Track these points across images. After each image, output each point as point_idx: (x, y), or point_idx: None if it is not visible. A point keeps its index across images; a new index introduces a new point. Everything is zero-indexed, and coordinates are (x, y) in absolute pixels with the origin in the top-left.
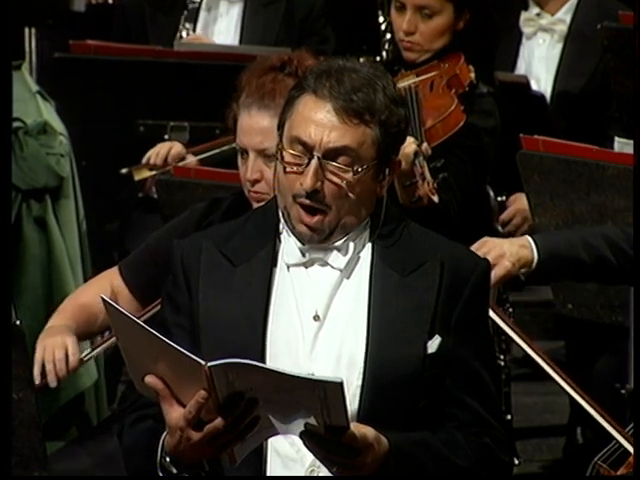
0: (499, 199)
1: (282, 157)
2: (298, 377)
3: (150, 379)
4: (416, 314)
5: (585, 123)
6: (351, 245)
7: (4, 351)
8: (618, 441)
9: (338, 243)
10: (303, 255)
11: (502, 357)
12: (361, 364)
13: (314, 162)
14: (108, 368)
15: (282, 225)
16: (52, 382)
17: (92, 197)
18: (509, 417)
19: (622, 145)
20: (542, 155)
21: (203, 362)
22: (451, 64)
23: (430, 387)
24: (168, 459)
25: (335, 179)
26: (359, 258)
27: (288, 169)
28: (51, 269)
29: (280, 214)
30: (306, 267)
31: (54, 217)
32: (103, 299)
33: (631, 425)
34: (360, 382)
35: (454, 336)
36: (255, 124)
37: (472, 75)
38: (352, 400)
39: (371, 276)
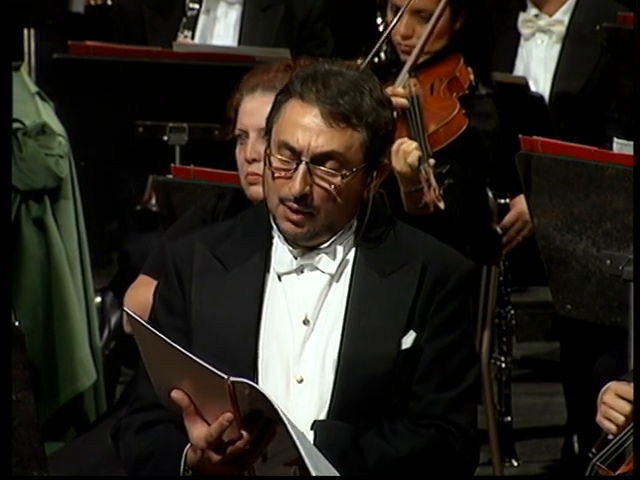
0: (501, 202)
1: (270, 163)
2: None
3: (176, 394)
4: (393, 313)
5: (584, 124)
6: (339, 249)
7: (4, 352)
8: (617, 442)
9: (325, 246)
10: (294, 260)
11: (503, 359)
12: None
13: (302, 167)
14: (107, 369)
15: (274, 231)
16: None
17: (91, 198)
18: (509, 418)
19: (621, 146)
20: (541, 156)
21: (225, 376)
22: (450, 66)
23: (404, 385)
24: (191, 472)
25: (323, 183)
26: (347, 262)
27: (276, 174)
28: (50, 270)
29: (271, 217)
30: (297, 274)
31: (53, 218)
32: (127, 313)
33: (631, 425)
34: (332, 378)
35: (427, 330)
36: (259, 105)
37: (471, 77)
38: (325, 397)
39: (352, 278)
